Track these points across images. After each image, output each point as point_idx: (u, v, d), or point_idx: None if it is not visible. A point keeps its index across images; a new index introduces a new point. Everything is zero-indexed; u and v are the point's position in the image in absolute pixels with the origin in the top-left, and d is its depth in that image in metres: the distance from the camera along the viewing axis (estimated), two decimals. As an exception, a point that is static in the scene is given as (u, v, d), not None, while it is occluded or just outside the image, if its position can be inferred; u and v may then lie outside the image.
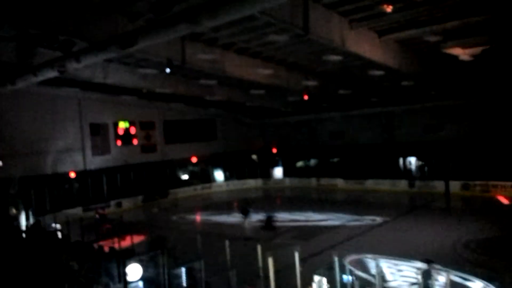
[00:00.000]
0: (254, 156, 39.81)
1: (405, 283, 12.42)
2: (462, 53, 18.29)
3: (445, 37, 17.58)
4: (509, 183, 25.65)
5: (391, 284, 12.26)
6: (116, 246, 15.02)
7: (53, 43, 13.56)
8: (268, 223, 20.94)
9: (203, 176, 37.39)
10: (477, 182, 27.02)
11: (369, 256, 9.87)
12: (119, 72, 22.80)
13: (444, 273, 9.25)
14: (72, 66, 16.46)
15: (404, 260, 14.13)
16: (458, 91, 26.09)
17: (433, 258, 13.88)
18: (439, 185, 27.85)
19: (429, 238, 17.49)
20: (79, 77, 22.48)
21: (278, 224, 21.28)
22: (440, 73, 23.62)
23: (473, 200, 26.06)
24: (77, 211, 27.47)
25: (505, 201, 24.43)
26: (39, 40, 13.88)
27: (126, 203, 30.83)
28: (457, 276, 11.83)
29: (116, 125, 32.47)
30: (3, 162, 24.30)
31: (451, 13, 15.55)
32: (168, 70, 16.07)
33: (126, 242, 16.18)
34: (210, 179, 37.69)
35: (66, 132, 29.11)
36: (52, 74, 17.22)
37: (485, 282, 11.44)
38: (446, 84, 25.07)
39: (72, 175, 29.18)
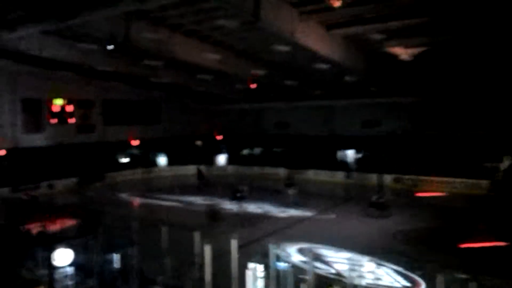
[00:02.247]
0: (198, 142, 39.29)
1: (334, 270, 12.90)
2: (402, 52, 19.14)
3: (388, 36, 18.31)
4: (436, 179, 27.45)
5: (324, 271, 12.68)
6: (45, 229, 14.22)
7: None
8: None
9: (144, 160, 36.32)
10: (408, 176, 28.66)
11: (304, 245, 10.16)
12: (57, 45, 21.42)
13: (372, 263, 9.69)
14: (6, 36, 15.21)
15: (335, 249, 14.72)
16: (397, 89, 27.35)
17: (362, 248, 14.59)
18: (373, 178, 29.16)
19: (359, 229, 18.27)
20: (13, 48, 20.83)
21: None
22: (381, 71, 24.60)
23: (403, 193, 27.60)
24: (4, 191, 25.78)
25: (430, 194, 26.09)
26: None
27: (59, 185, 29.28)
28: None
29: (51, 102, 30.56)
30: None
31: (395, 13, 16.20)
32: (110, 46, 15.23)
33: (56, 226, 15.35)
34: (152, 163, 36.75)
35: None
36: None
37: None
38: (386, 81, 26.18)
39: (1, 153, 27.16)
